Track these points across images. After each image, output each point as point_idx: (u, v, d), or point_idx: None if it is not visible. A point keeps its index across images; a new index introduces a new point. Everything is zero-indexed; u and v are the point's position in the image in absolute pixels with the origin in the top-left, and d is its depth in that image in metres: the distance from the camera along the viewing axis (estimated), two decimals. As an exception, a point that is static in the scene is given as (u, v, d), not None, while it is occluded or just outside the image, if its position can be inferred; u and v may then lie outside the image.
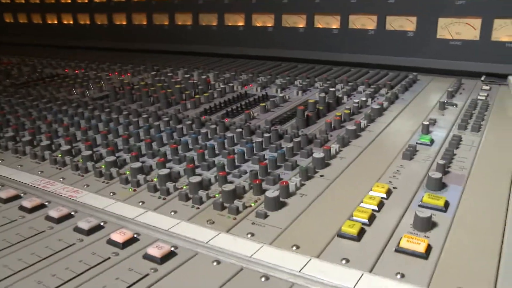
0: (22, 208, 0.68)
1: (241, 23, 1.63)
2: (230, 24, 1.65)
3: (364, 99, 1.07)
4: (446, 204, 0.63)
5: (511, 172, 0.72)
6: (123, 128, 0.96)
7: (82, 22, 2.04)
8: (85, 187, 0.74)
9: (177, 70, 1.46)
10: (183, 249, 0.56)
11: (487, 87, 1.20)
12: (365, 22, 1.43)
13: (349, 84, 1.21)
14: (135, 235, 0.59)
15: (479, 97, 1.11)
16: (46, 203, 0.69)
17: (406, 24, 1.37)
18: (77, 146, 0.89)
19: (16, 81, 1.48)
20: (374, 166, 0.77)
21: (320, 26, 1.49)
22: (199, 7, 1.70)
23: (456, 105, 1.05)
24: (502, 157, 0.79)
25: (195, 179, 0.68)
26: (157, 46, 1.84)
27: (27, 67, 1.68)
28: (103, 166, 0.78)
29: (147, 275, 0.52)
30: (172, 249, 0.55)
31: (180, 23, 1.77)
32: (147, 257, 0.54)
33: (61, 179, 0.78)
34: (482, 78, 1.26)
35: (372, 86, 1.18)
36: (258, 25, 1.60)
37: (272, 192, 0.64)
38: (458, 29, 1.30)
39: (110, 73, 1.50)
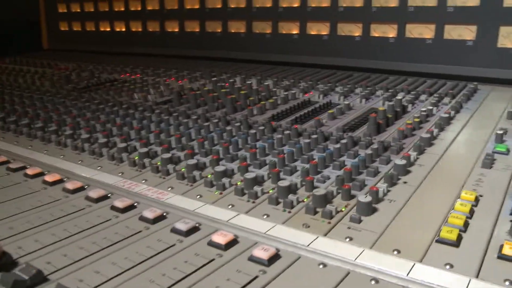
0: (114, 208, 0.70)
1: (295, 31, 1.64)
2: (284, 32, 1.67)
3: (430, 107, 1.07)
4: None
5: None
6: (195, 131, 0.98)
7: (134, 29, 2.09)
8: (169, 189, 0.76)
9: (234, 76, 1.48)
10: (286, 252, 0.57)
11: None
12: (422, 31, 1.43)
13: (411, 92, 1.21)
14: (235, 237, 0.60)
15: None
16: (136, 204, 0.71)
17: (465, 33, 1.36)
18: (151, 148, 0.91)
19: (77, 86, 1.52)
20: (455, 174, 0.77)
21: (376, 35, 1.50)
22: (253, 15, 1.73)
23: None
24: None
25: (284, 183, 0.69)
26: (209, 53, 1.86)
27: (84, 72, 1.73)
28: (183, 169, 0.80)
29: (256, 277, 0.53)
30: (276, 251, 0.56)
31: (233, 31, 1.79)
32: (253, 259, 0.55)
33: (143, 181, 0.80)
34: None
35: (434, 95, 1.18)
36: (313, 33, 1.61)
37: (365, 197, 0.65)
38: (521, 38, 1.29)
39: (167, 79, 1.53)
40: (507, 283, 0.50)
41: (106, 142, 0.94)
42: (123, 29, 2.13)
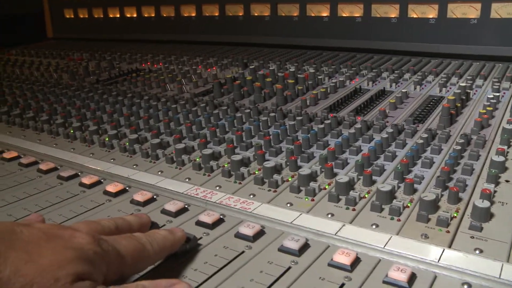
0: (200, 223, 0.62)
1: (325, 13, 1.56)
2: (313, 15, 1.59)
3: (497, 94, 1.01)
4: None
5: None
6: (252, 125, 0.90)
7: (146, 15, 1.99)
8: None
9: (266, 63, 1.40)
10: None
11: None
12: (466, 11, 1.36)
13: (463, 77, 1.15)
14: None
15: None
16: (222, 217, 0.64)
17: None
18: (218, 150, 0.83)
19: (99, 78, 1.44)
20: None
21: (415, 16, 1.43)
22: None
23: None
24: None
25: (385, 187, 0.63)
26: (229, 38, 1.78)
27: (103, 62, 1.63)
28: (256, 172, 0.73)
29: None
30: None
31: (256, 14, 1.71)
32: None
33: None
34: None
35: (493, 79, 1.12)
36: (345, 15, 1.53)
37: (482, 202, 0.58)
38: None
39: (199, 67, 1.45)
40: None
41: (159, 143, 0.86)
42: (134, 15, 2.03)
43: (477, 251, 0.53)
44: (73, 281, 0.36)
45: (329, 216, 0.61)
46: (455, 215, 0.60)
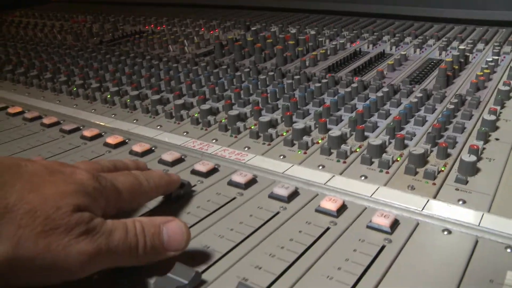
0: (195, 171, 0.64)
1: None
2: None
3: (494, 57, 1.01)
4: None
5: None
6: (251, 84, 0.91)
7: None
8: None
9: (268, 26, 1.40)
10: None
11: None
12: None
13: (465, 41, 1.15)
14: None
15: None
16: (217, 167, 0.66)
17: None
18: (216, 106, 0.85)
19: (102, 39, 1.45)
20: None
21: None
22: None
23: None
24: None
25: (376, 141, 0.65)
26: (234, 2, 1.77)
27: (106, 24, 1.64)
28: (252, 127, 0.75)
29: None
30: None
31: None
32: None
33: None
34: None
35: (494, 44, 1.12)
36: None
37: (469, 156, 0.60)
38: None
39: (201, 29, 1.45)
40: None
41: (159, 99, 0.87)
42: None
43: (460, 202, 0.55)
44: (74, 211, 0.38)
45: (320, 167, 0.63)
46: (443, 169, 0.62)
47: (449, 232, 0.50)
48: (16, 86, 1.07)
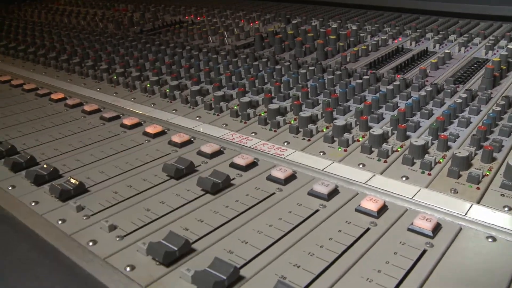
0: (234, 165, 0.64)
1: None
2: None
3: (544, 58, 0.97)
4: None
5: None
6: (291, 78, 0.91)
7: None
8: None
9: (309, 19, 1.39)
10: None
11: None
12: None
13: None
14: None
15: None
16: (256, 161, 0.65)
17: None
18: (256, 99, 0.84)
19: (143, 28, 1.46)
20: None
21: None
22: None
23: None
24: None
25: (418, 142, 0.63)
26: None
27: (147, 14, 1.65)
28: (292, 121, 0.75)
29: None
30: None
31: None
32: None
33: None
34: None
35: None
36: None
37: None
38: None
39: (241, 21, 1.45)
40: None
41: (199, 90, 0.88)
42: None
43: (506, 208, 0.53)
44: None
45: (361, 166, 0.62)
46: (487, 173, 0.60)
47: (494, 239, 0.49)
48: (59, 72, 1.10)
